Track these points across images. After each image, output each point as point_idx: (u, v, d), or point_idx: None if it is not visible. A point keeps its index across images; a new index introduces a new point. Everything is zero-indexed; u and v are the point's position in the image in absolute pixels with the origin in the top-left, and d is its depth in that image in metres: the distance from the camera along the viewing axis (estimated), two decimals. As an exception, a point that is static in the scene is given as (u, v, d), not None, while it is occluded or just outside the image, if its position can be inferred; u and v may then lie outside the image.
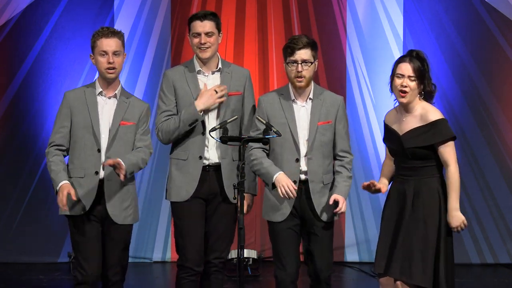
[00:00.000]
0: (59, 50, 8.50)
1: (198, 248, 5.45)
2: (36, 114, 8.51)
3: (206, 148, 5.45)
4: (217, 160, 5.45)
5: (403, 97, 5.21)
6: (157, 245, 8.63)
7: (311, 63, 5.38)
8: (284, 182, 5.27)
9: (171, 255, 8.54)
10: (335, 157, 5.49)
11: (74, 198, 5.15)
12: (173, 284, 5.67)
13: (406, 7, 8.54)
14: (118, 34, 5.32)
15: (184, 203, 5.45)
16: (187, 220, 5.46)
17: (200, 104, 5.38)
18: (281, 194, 5.28)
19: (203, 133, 5.44)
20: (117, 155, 5.26)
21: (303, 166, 5.39)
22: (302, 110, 5.44)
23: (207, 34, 5.41)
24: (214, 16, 5.47)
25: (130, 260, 5.84)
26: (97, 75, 5.44)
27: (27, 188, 8.51)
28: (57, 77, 8.50)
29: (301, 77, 5.37)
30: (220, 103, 5.41)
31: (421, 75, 5.22)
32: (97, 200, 5.27)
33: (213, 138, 5.31)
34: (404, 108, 5.28)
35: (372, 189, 5.39)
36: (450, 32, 8.52)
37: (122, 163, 5.18)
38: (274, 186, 5.35)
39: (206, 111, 5.43)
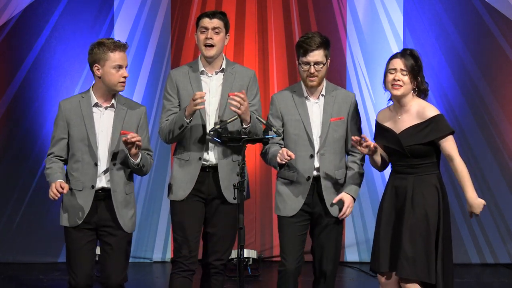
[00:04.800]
0: (59, 51, 8.50)
1: (192, 245, 5.45)
2: (36, 114, 8.51)
3: (206, 149, 5.45)
4: (215, 162, 5.45)
5: (396, 89, 5.22)
6: (157, 245, 8.63)
7: (324, 64, 5.40)
8: (283, 153, 5.22)
9: (171, 255, 8.53)
10: (347, 153, 5.51)
11: (65, 191, 5.08)
12: (173, 284, 5.67)
13: (406, 7, 8.55)
14: (126, 48, 5.26)
15: (181, 201, 5.45)
16: (182, 217, 5.47)
17: (186, 110, 5.36)
18: (283, 160, 5.24)
19: (204, 135, 5.43)
20: (118, 166, 5.24)
21: (316, 163, 5.40)
22: (315, 107, 5.47)
23: (214, 29, 5.40)
24: (223, 16, 5.47)
25: (130, 260, 5.85)
26: (91, 84, 5.37)
27: (27, 188, 8.51)
28: (56, 77, 8.49)
29: (313, 76, 5.38)
30: (200, 109, 5.31)
31: (414, 71, 5.23)
32: (95, 209, 5.25)
33: (212, 138, 5.31)
34: (399, 104, 5.28)
35: (362, 145, 5.29)
36: (450, 32, 8.52)
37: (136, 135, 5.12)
38: (281, 166, 5.37)
39: (207, 112, 5.43)
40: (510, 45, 8.50)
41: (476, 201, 5.23)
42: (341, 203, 5.44)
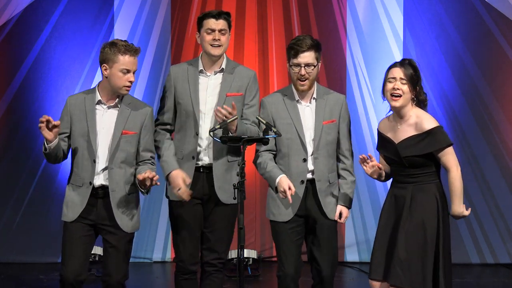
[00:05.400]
0: (59, 50, 8.50)
1: (191, 248, 5.49)
2: (36, 114, 8.51)
3: (199, 149, 5.45)
4: (209, 161, 5.44)
5: (395, 100, 5.21)
6: (157, 245, 8.63)
7: (315, 66, 5.39)
8: (282, 188, 5.29)
9: (171, 255, 8.54)
10: (338, 157, 5.50)
11: (57, 123, 5.12)
12: (173, 284, 5.69)
13: (406, 7, 8.55)
14: (139, 53, 5.25)
15: (179, 202, 5.46)
16: (181, 220, 5.51)
17: (170, 177, 5.40)
18: (281, 195, 5.33)
19: (197, 134, 5.43)
20: (118, 165, 5.25)
21: (310, 166, 5.40)
22: (306, 110, 5.45)
23: (220, 31, 5.41)
24: (228, 16, 5.48)
25: (130, 260, 5.83)
26: (96, 81, 5.39)
27: (27, 188, 8.51)
28: (56, 77, 8.49)
29: (303, 80, 5.37)
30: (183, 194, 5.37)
31: (413, 80, 5.21)
32: (94, 206, 5.26)
33: (213, 138, 5.30)
34: (398, 115, 5.27)
35: (367, 164, 5.33)
36: (450, 32, 8.52)
37: (154, 174, 5.21)
38: (277, 189, 5.38)
39: (202, 111, 5.44)
40: (510, 45, 8.50)
41: (460, 215, 5.23)
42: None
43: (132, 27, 8.54)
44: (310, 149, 5.41)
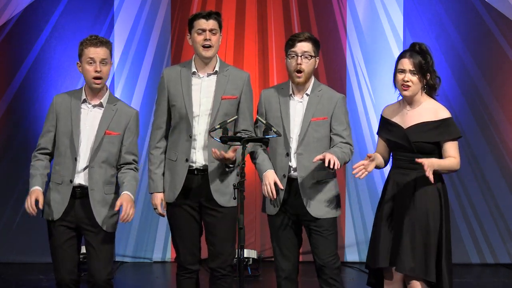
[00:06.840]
0: (59, 50, 8.50)
1: (190, 248, 5.48)
2: (36, 114, 8.52)
3: (193, 150, 5.43)
4: (204, 163, 5.42)
5: (406, 90, 5.24)
6: (157, 245, 8.63)
7: (311, 56, 5.38)
8: (267, 181, 5.30)
9: (171, 255, 8.54)
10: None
11: (40, 206, 5.18)
12: (173, 283, 5.69)
13: (406, 7, 8.55)
14: (106, 44, 5.26)
15: (174, 204, 5.44)
16: (177, 222, 5.49)
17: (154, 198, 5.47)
18: (264, 192, 5.34)
19: (191, 136, 5.42)
20: (99, 164, 5.26)
21: (293, 162, 5.39)
22: (298, 106, 5.44)
23: (211, 31, 5.41)
24: (218, 16, 5.47)
25: (130, 260, 5.87)
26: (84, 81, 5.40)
27: (27, 188, 8.49)
28: (57, 77, 8.50)
29: (300, 71, 5.36)
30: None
31: (422, 69, 5.23)
32: (71, 207, 5.28)
33: (213, 138, 5.30)
34: (408, 102, 5.30)
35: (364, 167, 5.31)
36: (450, 32, 8.53)
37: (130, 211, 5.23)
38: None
39: (195, 112, 5.43)
40: (510, 45, 8.51)
41: (433, 166, 5.06)
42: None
43: (132, 27, 8.54)
44: (295, 144, 5.40)
